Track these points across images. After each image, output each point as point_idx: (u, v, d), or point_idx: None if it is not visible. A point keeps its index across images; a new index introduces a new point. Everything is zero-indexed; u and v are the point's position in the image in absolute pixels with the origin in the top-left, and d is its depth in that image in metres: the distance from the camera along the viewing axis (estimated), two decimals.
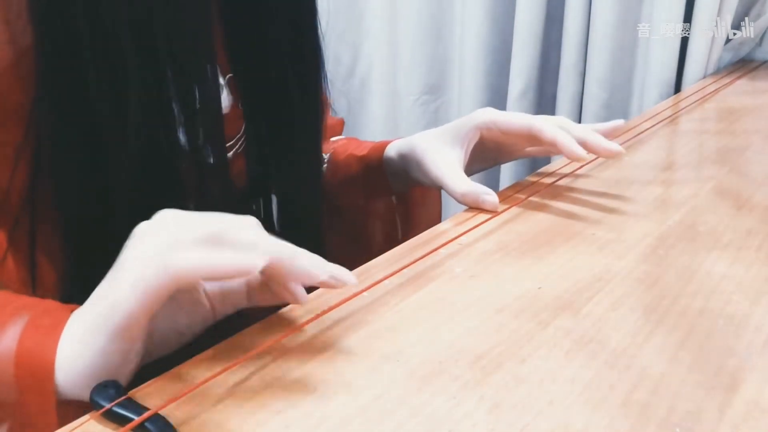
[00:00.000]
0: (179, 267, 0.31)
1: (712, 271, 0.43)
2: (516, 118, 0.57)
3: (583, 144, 0.54)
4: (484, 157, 0.61)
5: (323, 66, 0.57)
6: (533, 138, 0.55)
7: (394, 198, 0.68)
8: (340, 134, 0.76)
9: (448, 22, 1.37)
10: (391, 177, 0.66)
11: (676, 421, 0.29)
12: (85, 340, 0.33)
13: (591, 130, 0.56)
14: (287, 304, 0.39)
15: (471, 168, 0.60)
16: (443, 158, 0.57)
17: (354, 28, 1.45)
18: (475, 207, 0.54)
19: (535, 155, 0.63)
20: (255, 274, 0.33)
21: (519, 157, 0.64)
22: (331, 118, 0.73)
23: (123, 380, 0.34)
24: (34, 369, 0.33)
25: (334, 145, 0.72)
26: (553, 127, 0.54)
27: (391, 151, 0.64)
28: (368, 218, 0.70)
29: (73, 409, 0.31)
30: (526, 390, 0.32)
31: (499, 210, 0.53)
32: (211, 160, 0.47)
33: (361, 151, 0.68)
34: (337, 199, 0.68)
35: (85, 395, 0.31)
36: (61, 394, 0.33)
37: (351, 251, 0.68)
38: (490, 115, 0.57)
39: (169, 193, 0.44)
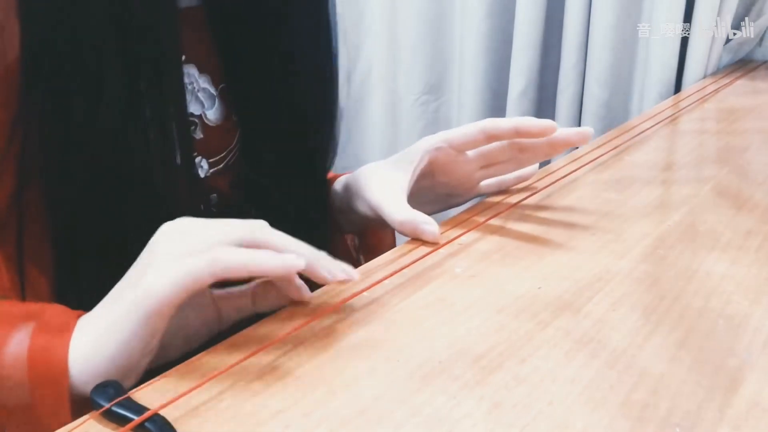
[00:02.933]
0: (229, 260, 0.33)
1: (712, 271, 0.43)
2: (464, 127, 0.52)
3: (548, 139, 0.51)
4: (435, 195, 0.57)
5: (335, 76, 0.56)
6: (491, 137, 0.51)
7: (356, 239, 0.64)
8: None
9: (448, 22, 1.37)
10: (338, 214, 0.60)
11: (676, 421, 0.29)
12: (107, 331, 0.33)
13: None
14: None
15: (422, 210, 0.50)
16: (383, 183, 0.52)
17: (354, 28, 1.45)
18: (414, 237, 0.48)
19: (489, 190, 0.58)
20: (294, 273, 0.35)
21: (472, 196, 0.58)
22: None
23: (133, 379, 0.34)
24: (47, 368, 0.33)
25: None
26: (506, 118, 0.51)
27: (338, 185, 0.59)
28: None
29: (86, 407, 0.31)
30: (526, 390, 0.32)
31: (441, 241, 0.47)
32: (183, 168, 0.47)
33: None
34: None
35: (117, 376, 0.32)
36: (75, 392, 0.33)
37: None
38: (438, 136, 0.53)
39: (145, 201, 0.44)
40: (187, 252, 0.33)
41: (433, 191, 0.56)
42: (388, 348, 0.35)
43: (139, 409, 0.29)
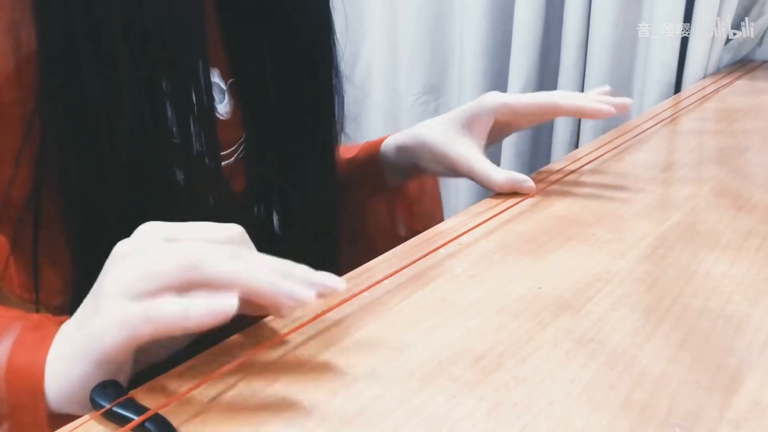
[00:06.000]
0: (163, 318, 0.31)
1: (712, 271, 0.43)
2: (528, 99, 0.58)
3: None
4: (489, 138, 0.62)
5: (338, 71, 0.56)
6: (549, 113, 0.58)
7: (391, 194, 0.68)
8: None
9: (447, 21, 1.37)
10: (390, 172, 0.65)
11: (676, 421, 0.29)
12: (69, 363, 0.33)
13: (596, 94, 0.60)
14: None
15: None
16: (465, 149, 0.58)
17: (354, 28, 1.45)
18: (511, 192, 0.56)
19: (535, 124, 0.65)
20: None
21: (517, 131, 0.66)
22: None
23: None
24: (25, 384, 0.33)
25: None
26: (568, 96, 0.57)
27: (390, 145, 0.64)
28: (366, 218, 0.69)
29: (64, 422, 0.31)
30: (526, 390, 0.32)
31: (534, 192, 0.56)
32: (206, 162, 0.47)
33: (348, 153, 0.67)
34: None
35: (75, 410, 0.32)
36: (51, 407, 0.33)
37: (351, 253, 0.68)
38: (500, 99, 0.58)
39: (165, 196, 0.44)
40: (130, 294, 0.32)
41: (489, 136, 0.60)
42: (388, 348, 0.35)
43: (139, 409, 0.29)
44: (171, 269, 0.32)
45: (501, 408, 0.30)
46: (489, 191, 0.58)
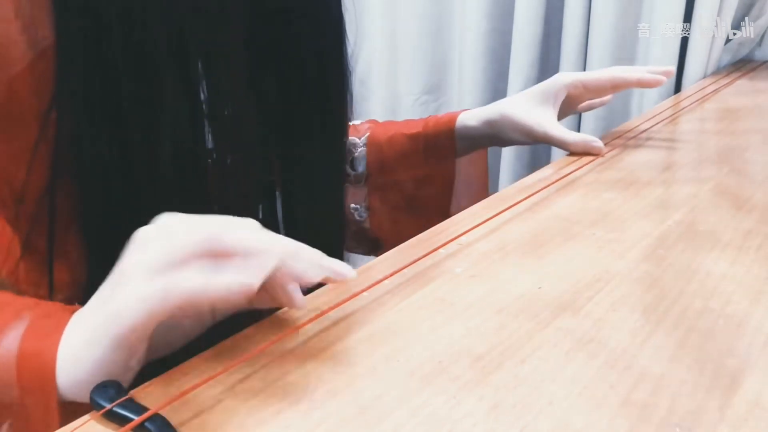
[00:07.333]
0: (184, 292, 0.31)
1: (712, 271, 0.43)
2: (597, 75, 0.69)
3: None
4: (561, 110, 0.70)
5: (348, 79, 0.57)
6: (616, 86, 0.69)
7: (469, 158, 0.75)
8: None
9: (447, 22, 1.37)
10: (464, 144, 0.72)
11: (676, 421, 0.29)
12: (84, 347, 0.33)
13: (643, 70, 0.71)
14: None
15: None
16: (543, 117, 0.67)
17: (354, 28, 1.45)
18: (584, 153, 0.67)
19: (581, 110, 0.77)
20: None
21: (576, 112, 0.78)
22: None
23: (124, 382, 0.34)
24: (35, 371, 0.33)
25: (361, 129, 0.74)
26: (627, 70, 0.69)
27: (471, 120, 0.71)
28: (424, 186, 0.74)
29: (75, 409, 0.31)
30: (526, 390, 0.32)
31: (604, 152, 0.67)
32: (237, 167, 0.47)
33: (411, 129, 0.73)
34: (390, 174, 0.73)
35: (86, 397, 0.31)
36: (62, 395, 0.33)
37: (406, 221, 0.75)
38: (575, 76, 0.69)
39: (194, 196, 0.44)
40: (150, 271, 0.32)
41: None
42: (388, 348, 0.35)
43: (139, 409, 0.29)
44: (192, 241, 0.33)
45: (501, 408, 0.30)
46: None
